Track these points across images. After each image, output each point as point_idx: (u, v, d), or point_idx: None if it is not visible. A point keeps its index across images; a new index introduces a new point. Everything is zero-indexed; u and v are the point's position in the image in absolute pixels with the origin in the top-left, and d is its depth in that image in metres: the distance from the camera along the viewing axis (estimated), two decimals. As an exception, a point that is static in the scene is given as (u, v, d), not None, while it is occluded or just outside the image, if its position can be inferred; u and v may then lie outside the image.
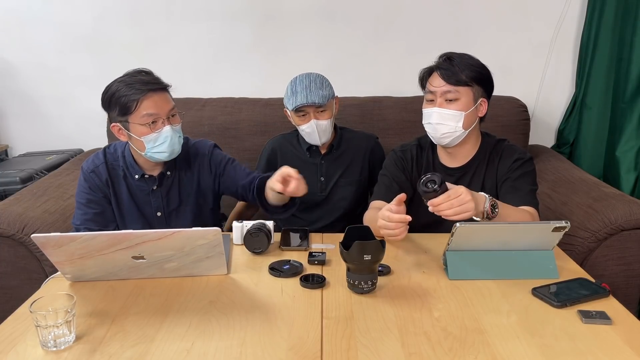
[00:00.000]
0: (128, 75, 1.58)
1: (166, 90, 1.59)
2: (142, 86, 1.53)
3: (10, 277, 1.83)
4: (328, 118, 1.85)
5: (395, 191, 1.64)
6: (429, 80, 1.61)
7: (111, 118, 1.60)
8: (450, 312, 1.15)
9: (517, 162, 1.62)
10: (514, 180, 1.60)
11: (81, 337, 1.07)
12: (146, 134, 1.55)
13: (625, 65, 2.35)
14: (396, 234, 1.37)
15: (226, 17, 2.54)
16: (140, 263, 1.26)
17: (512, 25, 2.53)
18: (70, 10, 2.54)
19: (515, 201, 1.53)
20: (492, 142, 1.69)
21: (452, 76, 1.56)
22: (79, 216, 1.65)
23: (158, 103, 1.55)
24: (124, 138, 1.62)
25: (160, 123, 1.56)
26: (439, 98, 1.58)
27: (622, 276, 1.78)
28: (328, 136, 1.90)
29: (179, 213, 1.72)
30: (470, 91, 1.58)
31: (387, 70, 2.60)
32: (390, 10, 2.53)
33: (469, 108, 1.58)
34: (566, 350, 1.01)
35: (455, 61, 1.57)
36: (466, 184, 1.64)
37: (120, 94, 1.53)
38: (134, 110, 1.53)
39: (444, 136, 1.59)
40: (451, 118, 1.57)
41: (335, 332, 1.08)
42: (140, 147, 1.58)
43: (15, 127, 2.72)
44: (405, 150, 1.74)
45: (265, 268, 1.36)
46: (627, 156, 2.38)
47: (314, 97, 1.80)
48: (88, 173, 1.66)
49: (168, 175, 1.68)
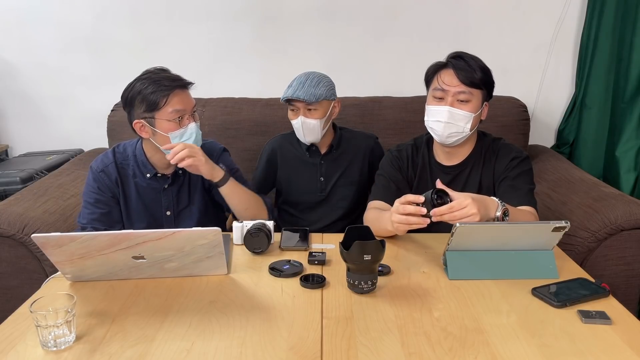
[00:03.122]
0: (151, 72, 1.60)
1: (190, 86, 1.63)
2: (170, 82, 1.57)
3: (11, 277, 1.83)
4: (317, 118, 1.84)
5: (393, 191, 1.65)
6: (440, 77, 1.58)
7: (134, 115, 1.60)
8: (450, 312, 1.15)
9: (514, 160, 1.62)
10: (512, 180, 1.60)
11: (81, 337, 1.07)
12: (173, 129, 1.58)
13: (625, 65, 2.35)
14: (420, 221, 1.33)
15: (226, 17, 2.54)
16: (140, 263, 1.26)
17: (512, 25, 2.53)
18: (70, 10, 2.54)
19: (515, 201, 1.53)
20: (488, 140, 1.69)
21: (468, 77, 1.54)
22: (85, 215, 1.66)
23: (184, 100, 1.59)
24: (146, 135, 1.62)
25: (186, 119, 1.60)
26: (450, 97, 1.56)
27: (622, 276, 1.78)
28: (315, 136, 1.88)
29: (187, 212, 1.73)
30: (480, 94, 1.58)
31: (387, 70, 2.60)
32: (390, 10, 2.53)
33: (478, 110, 1.58)
34: (566, 350, 1.01)
35: (469, 62, 1.56)
36: (463, 182, 1.65)
37: (147, 92, 1.55)
38: (163, 107, 1.56)
39: (451, 136, 1.59)
40: (462, 119, 1.56)
41: (335, 332, 1.08)
42: (165, 142, 1.59)
43: (16, 127, 2.72)
44: (400, 149, 1.74)
45: (265, 268, 1.36)
46: (627, 156, 2.38)
47: (302, 93, 1.79)
48: (97, 173, 1.67)
49: (180, 174, 1.70)
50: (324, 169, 1.96)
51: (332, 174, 1.97)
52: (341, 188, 1.97)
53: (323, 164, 1.96)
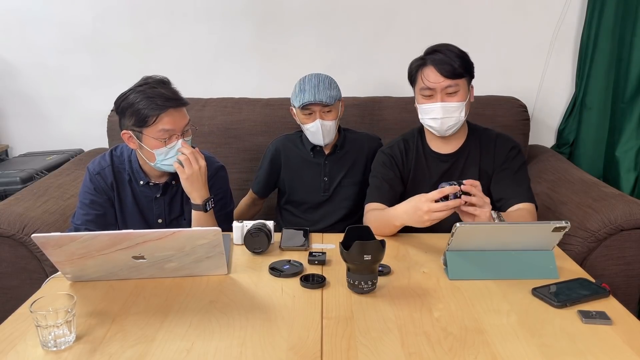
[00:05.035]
0: (148, 85, 1.55)
1: (185, 105, 1.58)
2: (163, 102, 1.51)
3: (11, 277, 1.83)
4: (333, 119, 1.86)
5: (385, 190, 1.69)
6: (424, 75, 1.62)
7: (123, 125, 1.58)
8: (450, 312, 1.15)
9: (514, 150, 1.68)
10: (515, 173, 1.65)
11: (81, 337, 1.07)
12: (159, 147, 1.54)
13: (625, 65, 2.35)
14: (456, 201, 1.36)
15: (226, 17, 2.54)
16: (140, 263, 1.26)
17: (512, 25, 2.53)
18: (70, 10, 2.54)
19: (518, 196, 1.59)
20: (480, 128, 1.74)
21: (451, 70, 1.58)
22: (80, 216, 1.65)
23: (176, 120, 1.54)
24: (133, 146, 1.60)
25: (174, 138, 1.55)
26: (439, 93, 1.60)
27: (622, 276, 1.78)
28: (332, 137, 1.90)
29: (179, 223, 1.72)
30: (465, 81, 1.62)
31: (387, 70, 2.60)
32: (390, 10, 2.53)
33: (467, 96, 1.63)
34: (566, 350, 1.01)
35: (446, 53, 1.60)
36: (460, 168, 1.68)
37: (139, 106, 1.51)
38: (152, 124, 1.52)
39: (450, 127, 1.63)
40: (455, 110, 1.60)
41: (335, 332, 1.08)
42: (150, 158, 1.58)
43: (16, 127, 2.72)
44: (392, 146, 1.77)
45: (265, 268, 1.36)
46: (627, 156, 2.38)
47: (321, 96, 1.81)
48: (94, 175, 1.66)
49: (173, 184, 1.69)
50: (328, 169, 1.97)
51: (336, 174, 1.97)
52: (345, 188, 1.97)
53: (327, 164, 1.97)
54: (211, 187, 1.66)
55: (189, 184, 1.57)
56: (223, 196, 1.75)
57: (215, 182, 1.71)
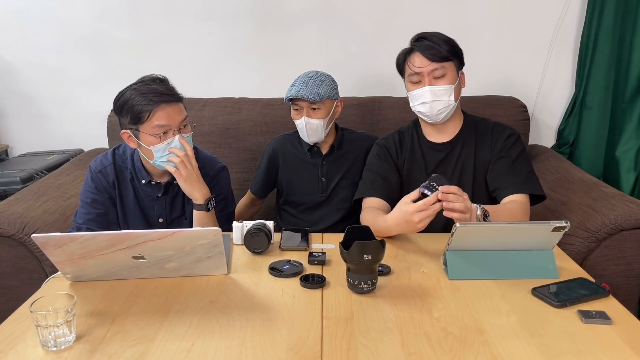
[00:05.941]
0: (142, 82, 1.56)
1: (180, 101, 1.58)
2: (155, 97, 1.51)
3: (10, 277, 1.83)
4: (321, 118, 1.84)
5: (379, 184, 1.70)
6: (410, 62, 1.63)
7: (122, 124, 1.59)
8: (450, 312, 1.15)
9: (511, 138, 1.67)
10: (513, 161, 1.64)
11: (81, 337, 1.07)
12: (155, 144, 1.54)
13: (625, 66, 2.35)
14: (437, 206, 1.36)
15: (226, 17, 2.54)
16: (140, 263, 1.26)
17: (512, 26, 2.53)
18: (70, 10, 2.54)
19: (513, 187, 1.59)
20: (476, 118, 1.74)
21: (436, 53, 1.60)
22: (81, 215, 1.65)
23: (171, 115, 1.54)
24: (133, 145, 1.61)
25: (170, 134, 1.55)
26: (426, 77, 1.61)
27: (621, 276, 1.78)
28: (319, 136, 1.89)
29: (180, 222, 1.72)
30: (452, 65, 1.63)
31: (387, 70, 2.59)
32: (390, 10, 2.52)
33: (455, 81, 1.63)
34: (566, 350, 1.01)
35: (432, 39, 1.61)
36: (456, 157, 1.69)
37: (133, 103, 1.52)
38: (146, 121, 1.52)
39: (440, 112, 1.63)
40: (444, 93, 1.61)
41: (335, 332, 1.08)
42: (149, 155, 1.58)
43: (16, 127, 2.72)
44: (387, 138, 1.79)
45: (265, 268, 1.36)
46: (627, 156, 2.38)
47: (306, 92, 1.80)
48: (95, 173, 1.66)
49: (174, 184, 1.68)
50: (325, 170, 1.96)
51: (334, 174, 1.96)
52: (342, 189, 1.96)
53: (324, 164, 1.96)
54: (213, 188, 1.66)
55: (188, 185, 1.58)
56: (225, 197, 1.75)
57: (217, 182, 1.72)
